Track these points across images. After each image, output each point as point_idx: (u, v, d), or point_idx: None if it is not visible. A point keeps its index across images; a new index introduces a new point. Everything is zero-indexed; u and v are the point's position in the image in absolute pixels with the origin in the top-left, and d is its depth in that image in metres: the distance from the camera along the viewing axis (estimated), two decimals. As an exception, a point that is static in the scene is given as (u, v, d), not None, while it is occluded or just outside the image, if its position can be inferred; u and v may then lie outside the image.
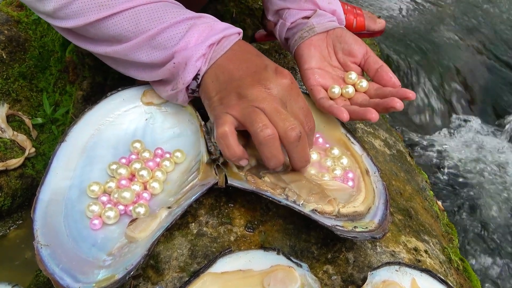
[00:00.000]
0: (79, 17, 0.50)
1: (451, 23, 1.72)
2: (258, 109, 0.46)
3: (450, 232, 0.70)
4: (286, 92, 0.48)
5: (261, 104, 0.46)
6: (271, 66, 0.50)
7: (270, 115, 0.46)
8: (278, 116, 0.46)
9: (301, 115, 0.49)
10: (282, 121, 0.46)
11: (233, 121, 0.47)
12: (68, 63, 0.88)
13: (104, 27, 0.50)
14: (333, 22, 0.65)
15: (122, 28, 0.50)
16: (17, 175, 0.78)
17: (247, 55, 0.51)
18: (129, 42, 0.50)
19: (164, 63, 0.51)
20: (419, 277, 0.45)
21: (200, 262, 0.47)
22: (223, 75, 0.49)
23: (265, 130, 0.46)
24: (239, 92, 0.47)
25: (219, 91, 0.49)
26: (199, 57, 0.49)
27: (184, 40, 0.49)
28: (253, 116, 0.46)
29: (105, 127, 0.57)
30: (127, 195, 0.50)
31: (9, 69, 0.85)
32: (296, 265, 0.44)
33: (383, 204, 0.51)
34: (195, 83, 0.51)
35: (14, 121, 0.83)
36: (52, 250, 0.45)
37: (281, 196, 0.49)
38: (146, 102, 0.59)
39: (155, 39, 0.49)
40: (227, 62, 0.50)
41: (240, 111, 0.47)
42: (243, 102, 0.47)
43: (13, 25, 0.89)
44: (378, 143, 0.71)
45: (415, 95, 0.55)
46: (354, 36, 0.63)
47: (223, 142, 0.47)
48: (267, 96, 0.47)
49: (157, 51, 0.50)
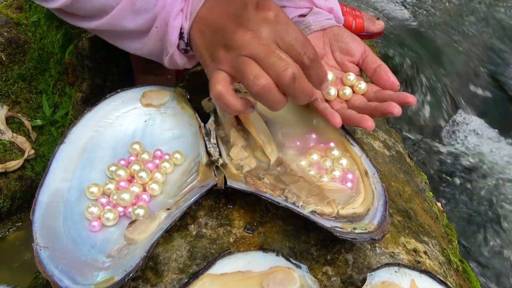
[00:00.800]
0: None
1: (450, 24, 1.72)
2: (246, 58, 0.43)
3: (449, 233, 0.70)
4: (273, 26, 0.44)
5: (248, 51, 0.43)
6: (251, 3, 0.45)
7: (260, 61, 0.43)
8: (269, 58, 0.43)
9: (296, 46, 0.45)
10: (272, 64, 0.43)
11: (225, 77, 0.45)
12: (67, 65, 0.88)
13: (88, 0, 0.50)
14: (330, 20, 0.63)
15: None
16: (16, 177, 0.78)
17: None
18: (113, 10, 0.50)
19: (149, 29, 0.50)
20: (418, 278, 0.45)
21: (199, 263, 0.47)
22: (207, 28, 0.47)
23: (258, 81, 0.43)
24: (225, 43, 0.45)
25: (208, 47, 0.47)
26: (177, 13, 0.48)
27: (161, 0, 0.48)
28: (242, 68, 0.43)
29: (104, 129, 0.57)
30: (126, 196, 0.50)
31: (8, 71, 0.85)
32: (295, 267, 0.44)
33: (382, 205, 0.51)
34: (183, 43, 0.50)
35: (13, 123, 0.83)
36: (51, 252, 0.45)
37: (280, 197, 0.49)
38: (145, 104, 0.59)
39: (135, 4, 0.49)
40: (208, 12, 0.47)
41: (231, 65, 0.45)
42: (231, 53, 0.44)
43: (13, 27, 0.89)
44: (377, 144, 0.71)
45: (415, 100, 0.53)
46: (352, 35, 0.62)
47: (220, 102, 0.45)
48: (253, 39, 0.43)
49: (140, 16, 0.50)
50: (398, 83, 0.57)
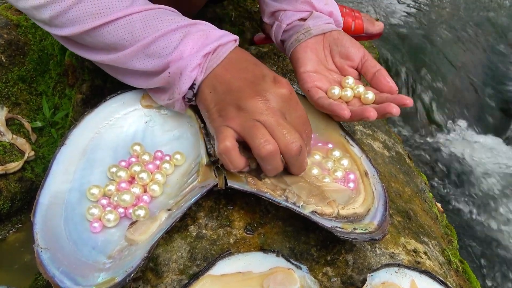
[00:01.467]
0: (75, 25, 0.50)
1: (450, 26, 1.72)
2: (258, 123, 0.46)
3: (449, 234, 0.70)
4: (285, 102, 0.48)
5: (261, 117, 0.46)
6: (269, 76, 0.49)
7: (270, 129, 0.46)
8: (279, 129, 0.46)
9: (300, 124, 0.49)
10: (283, 135, 0.46)
11: (233, 134, 0.47)
12: (67, 66, 0.88)
13: (100, 35, 0.50)
14: (330, 25, 0.64)
15: (117, 36, 0.49)
16: (16, 179, 0.78)
17: (244, 64, 0.50)
18: (125, 50, 0.50)
19: (159, 72, 0.50)
20: (418, 279, 0.45)
21: (200, 264, 0.47)
22: (220, 86, 0.49)
23: (267, 146, 0.46)
24: (238, 104, 0.47)
25: (218, 103, 0.49)
26: (194, 67, 0.48)
27: (179, 49, 0.49)
28: (253, 131, 0.46)
29: (105, 130, 0.57)
30: (127, 197, 0.50)
31: (8, 72, 0.85)
32: (295, 267, 0.44)
33: (383, 205, 0.51)
34: (191, 93, 0.51)
35: (13, 124, 0.83)
36: (52, 253, 0.45)
37: (281, 197, 0.49)
38: (146, 105, 0.59)
39: (150, 48, 0.49)
40: (224, 71, 0.49)
41: (240, 125, 0.47)
42: (243, 115, 0.47)
43: (13, 28, 0.90)
44: (377, 145, 0.71)
45: (412, 102, 0.55)
46: (352, 39, 0.62)
47: (226, 158, 0.47)
48: (266, 108, 0.47)
49: (152, 60, 0.50)
50: (396, 88, 0.58)
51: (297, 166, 0.49)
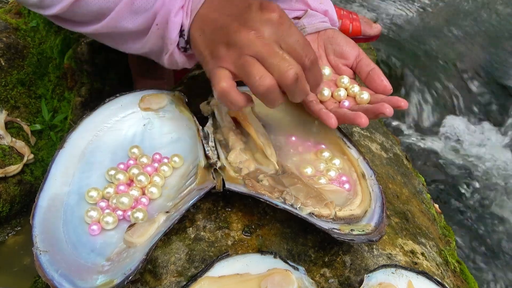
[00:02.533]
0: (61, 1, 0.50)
1: (448, 27, 1.73)
2: (250, 58, 0.44)
3: (447, 235, 0.70)
4: (276, 27, 0.45)
5: (251, 50, 0.44)
6: (255, 3, 0.46)
7: (263, 60, 0.44)
8: (272, 58, 0.44)
9: (298, 48, 0.46)
10: (276, 64, 0.44)
11: (228, 74, 0.45)
12: (66, 69, 0.89)
13: (85, 4, 0.50)
14: (324, 23, 0.64)
15: (100, 1, 0.49)
16: (15, 182, 0.78)
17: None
18: (112, 12, 0.50)
19: (149, 27, 0.50)
20: (415, 279, 0.45)
21: (198, 266, 0.47)
22: (208, 26, 0.47)
23: (263, 82, 0.44)
24: (227, 41, 0.45)
25: (208, 44, 0.47)
26: (178, 10, 0.48)
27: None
28: (247, 67, 0.44)
29: (103, 133, 0.57)
30: (125, 200, 0.51)
31: (7, 76, 0.86)
32: (293, 269, 0.44)
33: (380, 207, 0.51)
34: (183, 40, 0.50)
35: (12, 127, 0.84)
36: (51, 256, 0.45)
37: (278, 199, 0.49)
38: (144, 108, 0.59)
39: (134, 4, 0.49)
40: (209, 10, 0.48)
41: (233, 63, 0.45)
42: (234, 52, 0.45)
43: (12, 32, 0.90)
44: (375, 147, 0.72)
45: (407, 104, 0.54)
46: (346, 38, 0.62)
47: (225, 99, 0.46)
48: (256, 39, 0.44)
49: (139, 16, 0.50)
50: (390, 87, 0.58)
51: (297, 94, 0.47)
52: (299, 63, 0.46)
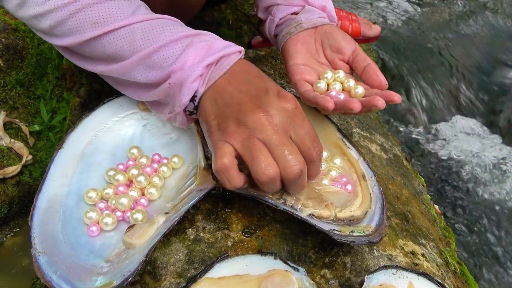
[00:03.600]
0: (74, 35, 0.49)
1: (447, 28, 1.73)
2: (258, 142, 0.44)
3: (447, 236, 0.70)
4: (289, 118, 0.46)
5: (261, 135, 0.44)
6: (273, 89, 0.47)
7: (271, 148, 0.44)
8: (280, 149, 0.44)
9: (307, 141, 0.46)
10: (284, 156, 0.44)
11: (232, 152, 0.45)
12: (65, 70, 0.89)
13: (99, 45, 0.49)
14: (322, 19, 0.63)
15: (117, 46, 0.48)
16: (14, 183, 0.78)
17: (247, 77, 0.48)
18: (125, 61, 0.49)
19: (160, 83, 0.49)
20: (416, 280, 0.45)
21: (197, 267, 0.47)
22: (221, 98, 0.47)
23: (267, 171, 0.43)
24: (239, 118, 0.45)
25: (218, 116, 0.46)
26: (196, 78, 0.47)
27: (181, 60, 0.47)
28: (254, 152, 0.44)
29: (103, 134, 0.57)
30: (124, 201, 0.50)
31: (6, 76, 0.85)
32: (293, 270, 0.44)
33: (380, 208, 0.51)
34: (192, 105, 0.49)
35: (11, 128, 0.83)
36: (50, 258, 0.45)
37: (279, 200, 0.49)
38: (144, 108, 0.59)
39: (151, 58, 0.48)
40: (226, 84, 0.47)
41: (240, 142, 0.44)
42: (243, 131, 0.45)
43: (11, 33, 0.90)
44: (375, 148, 0.72)
45: (400, 99, 0.54)
46: (343, 33, 0.62)
47: (224, 176, 0.44)
48: (268, 125, 0.44)
49: (153, 71, 0.48)
50: (386, 82, 0.57)
51: (294, 188, 0.47)
52: (307, 156, 0.46)
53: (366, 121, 0.79)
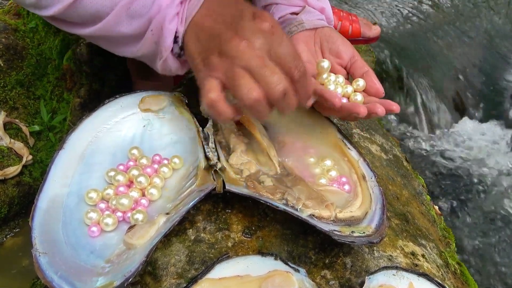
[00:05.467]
0: (58, 2, 0.50)
1: (446, 28, 1.73)
2: (240, 70, 0.44)
3: (447, 236, 0.70)
4: (267, 38, 0.45)
5: (242, 62, 0.44)
6: (248, 12, 0.46)
7: (253, 72, 0.44)
8: (262, 71, 0.44)
9: (288, 59, 0.46)
10: (264, 78, 0.44)
11: (217, 85, 0.46)
12: (65, 70, 0.89)
13: (82, 6, 0.50)
14: (321, 21, 0.64)
15: (97, 3, 0.49)
16: (14, 183, 0.78)
17: (222, 5, 0.48)
18: (108, 16, 0.50)
19: (144, 32, 0.50)
20: (416, 281, 0.45)
21: (198, 268, 0.47)
22: (202, 34, 0.47)
23: (251, 94, 0.44)
24: (220, 50, 0.45)
25: (201, 52, 0.47)
26: (172, 17, 0.48)
27: (156, 3, 0.48)
28: (236, 80, 0.44)
29: (103, 134, 0.57)
30: (125, 201, 0.50)
31: (6, 77, 0.85)
32: (293, 270, 0.44)
33: (380, 209, 0.51)
34: (177, 46, 0.50)
35: (11, 128, 0.83)
36: (51, 258, 0.45)
37: (280, 201, 0.49)
38: (144, 109, 0.59)
39: (130, 9, 0.49)
40: (203, 18, 0.47)
41: (224, 74, 0.45)
42: (225, 62, 0.45)
43: (11, 33, 0.90)
44: (375, 148, 0.72)
45: (399, 108, 0.55)
46: (342, 37, 0.63)
47: (213, 110, 0.46)
48: (247, 50, 0.44)
49: (134, 21, 0.50)
50: (383, 91, 0.58)
51: (284, 107, 0.47)
52: (288, 75, 0.46)
53: (366, 122, 0.79)
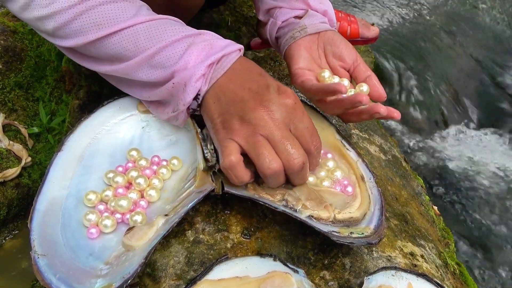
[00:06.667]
0: (79, 36, 0.50)
1: (446, 30, 1.74)
2: (262, 138, 0.46)
3: (446, 237, 0.70)
4: (290, 113, 0.48)
5: (264, 131, 0.46)
6: (274, 86, 0.49)
7: (274, 143, 0.46)
8: (282, 144, 0.46)
9: (307, 135, 0.49)
10: (286, 150, 0.46)
11: (237, 149, 0.47)
12: (64, 72, 0.89)
13: (104, 46, 0.50)
14: (324, 24, 0.64)
15: (121, 47, 0.49)
16: (13, 185, 0.78)
17: (249, 74, 0.50)
18: (129, 61, 0.50)
19: (163, 83, 0.50)
20: (415, 282, 0.45)
21: (197, 269, 0.47)
22: (224, 96, 0.48)
23: (271, 165, 0.46)
24: (242, 116, 0.47)
25: (221, 114, 0.48)
26: (199, 77, 0.48)
27: (183, 60, 0.48)
28: (258, 148, 0.46)
29: (102, 136, 0.57)
30: (124, 203, 0.50)
31: (5, 79, 0.85)
32: (292, 271, 0.44)
33: (379, 210, 0.51)
34: (195, 103, 0.50)
35: (10, 130, 0.83)
36: (49, 260, 0.45)
37: (280, 202, 0.49)
38: (143, 110, 0.59)
39: (154, 58, 0.49)
40: (228, 82, 0.49)
41: (245, 139, 0.47)
42: (246, 128, 0.47)
43: (9, 35, 0.90)
44: (374, 149, 0.72)
45: (400, 115, 0.55)
46: (345, 41, 0.63)
47: (231, 173, 0.47)
48: (270, 121, 0.47)
49: (156, 71, 0.50)
50: (385, 95, 0.59)
51: (298, 180, 0.50)
52: (306, 149, 0.49)
53: (365, 123, 0.79)
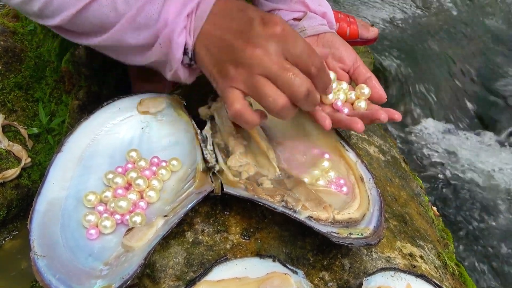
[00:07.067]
0: (62, 11, 0.50)
1: (445, 31, 1.74)
2: (260, 78, 0.45)
3: (445, 238, 0.70)
4: (280, 42, 0.45)
5: (260, 69, 0.45)
6: (257, 18, 0.46)
7: (273, 79, 0.45)
8: (281, 77, 0.45)
9: (304, 58, 0.46)
10: (287, 82, 0.45)
11: (240, 95, 0.46)
12: (64, 73, 0.89)
13: (86, 17, 0.50)
14: (323, 26, 0.64)
15: (102, 14, 0.49)
16: (12, 186, 0.78)
17: (230, 14, 0.48)
18: (114, 28, 0.50)
19: (152, 44, 0.50)
20: (414, 282, 0.45)
21: (196, 270, 0.47)
22: (213, 45, 0.47)
23: (277, 102, 0.45)
24: (235, 60, 0.46)
25: (216, 63, 0.47)
26: (180, 31, 0.48)
27: (162, 16, 0.47)
28: (258, 89, 0.45)
29: (101, 137, 0.57)
30: (123, 204, 0.50)
31: (5, 79, 0.85)
32: (292, 272, 0.44)
33: (378, 210, 0.52)
34: (187, 58, 0.50)
35: (9, 131, 0.83)
36: (49, 261, 0.45)
37: (280, 203, 0.49)
38: (142, 111, 0.59)
39: (136, 20, 0.48)
40: (212, 29, 0.47)
41: (244, 83, 0.46)
42: (243, 71, 0.45)
43: (9, 35, 0.90)
44: (373, 150, 0.72)
45: (401, 117, 0.55)
46: (344, 42, 0.63)
47: (240, 120, 0.47)
48: (263, 57, 0.45)
49: (141, 32, 0.49)
50: (385, 96, 0.59)
51: (308, 105, 0.48)
52: (306, 72, 0.47)
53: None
